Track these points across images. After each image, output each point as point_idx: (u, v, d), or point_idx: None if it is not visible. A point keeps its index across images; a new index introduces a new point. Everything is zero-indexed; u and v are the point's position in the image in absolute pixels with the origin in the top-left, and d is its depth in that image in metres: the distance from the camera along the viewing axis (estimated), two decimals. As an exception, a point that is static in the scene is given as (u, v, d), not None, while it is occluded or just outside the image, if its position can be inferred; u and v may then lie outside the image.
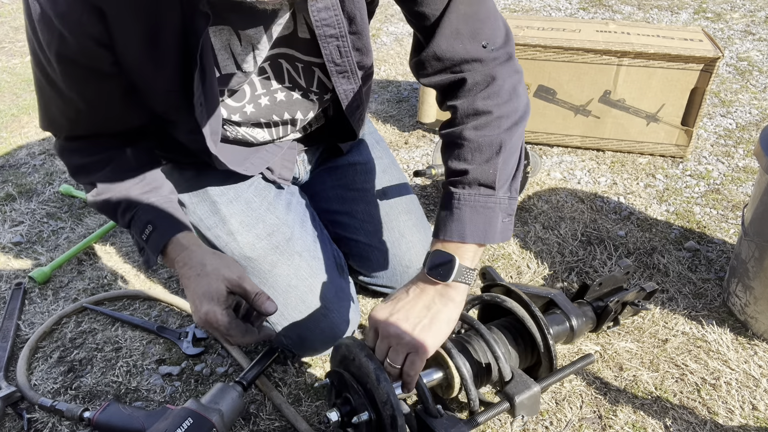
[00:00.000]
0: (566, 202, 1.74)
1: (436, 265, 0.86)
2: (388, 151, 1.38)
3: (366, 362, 0.85)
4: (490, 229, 0.88)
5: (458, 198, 0.88)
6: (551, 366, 0.99)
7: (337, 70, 0.99)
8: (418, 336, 0.84)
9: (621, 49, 1.79)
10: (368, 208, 1.29)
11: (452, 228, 0.87)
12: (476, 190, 0.88)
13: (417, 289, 0.88)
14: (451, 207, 0.88)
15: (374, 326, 0.89)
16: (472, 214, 0.87)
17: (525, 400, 0.90)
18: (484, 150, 0.88)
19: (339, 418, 0.89)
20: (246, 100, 1.02)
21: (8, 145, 2.12)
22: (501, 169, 0.88)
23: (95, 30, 0.78)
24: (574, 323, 1.10)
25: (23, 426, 1.09)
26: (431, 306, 0.86)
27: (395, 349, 0.86)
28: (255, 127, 1.08)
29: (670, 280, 1.43)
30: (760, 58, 2.73)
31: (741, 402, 1.13)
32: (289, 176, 1.23)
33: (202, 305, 0.90)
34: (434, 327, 0.85)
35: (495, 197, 0.88)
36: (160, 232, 0.96)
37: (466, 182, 0.88)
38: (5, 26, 3.36)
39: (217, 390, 1.05)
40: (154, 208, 0.98)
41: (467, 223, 0.87)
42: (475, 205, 0.87)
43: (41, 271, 1.45)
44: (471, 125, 0.89)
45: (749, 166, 1.90)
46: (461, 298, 0.88)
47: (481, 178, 0.87)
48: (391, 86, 2.57)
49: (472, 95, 0.90)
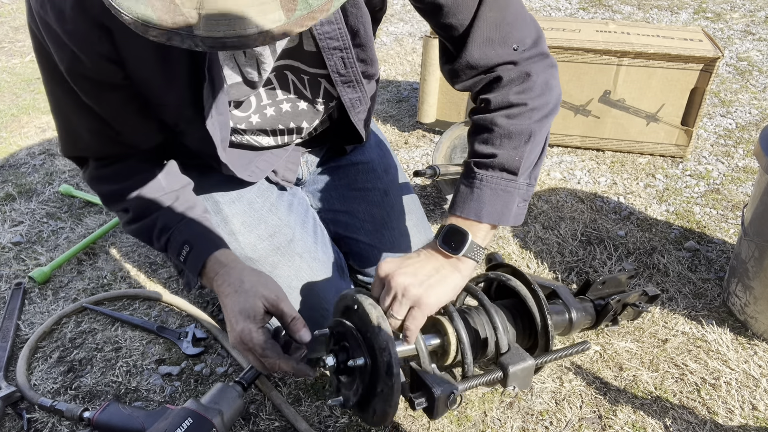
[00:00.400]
0: (566, 202, 1.74)
1: (449, 238, 0.89)
2: (390, 151, 1.38)
3: (370, 309, 0.87)
4: (506, 211, 0.91)
5: (480, 179, 0.91)
6: (547, 346, 1.00)
7: (342, 81, 0.99)
8: (424, 291, 0.86)
9: (621, 49, 1.79)
10: (369, 208, 1.29)
11: (470, 206, 0.90)
12: (499, 174, 0.91)
13: (427, 254, 0.91)
14: (472, 186, 0.91)
15: (381, 277, 0.90)
16: (491, 196, 0.90)
17: (518, 372, 0.91)
18: (513, 138, 0.90)
19: (335, 363, 0.89)
20: (252, 110, 1.02)
21: (8, 145, 2.12)
22: (526, 157, 0.91)
23: (104, 48, 0.79)
24: (574, 315, 1.10)
25: (23, 426, 1.09)
26: (440, 270, 0.89)
27: (399, 300, 0.87)
28: (260, 134, 1.09)
29: (670, 280, 1.43)
30: (760, 58, 2.73)
31: (741, 402, 1.13)
32: (293, 178, 1.23)
33: (238, 323, 0.89)
34: (440, 287, 0.88)
35: (515, 182, 0.91)
36: (198, 251, 0.97)
37: (490, 165, 0.91)
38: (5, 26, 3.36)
39: (217, 390, 1.05)
40: (189, 228, 0.98)
41: (485, 203, 0.90)
42: (496, 188, 0.90)
43: (41, 271, 1.45)
44: (503, 113, 0.92)
45: (749, 166, 1.90)
46: (468, 272, 0.90)
47: (507, 164, 0.90)
48: (391, 86, 2.57)
49: (506, 90, 0.92)
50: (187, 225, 0.99)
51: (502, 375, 0.91)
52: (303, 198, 1.29)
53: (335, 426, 1.10)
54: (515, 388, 0.92)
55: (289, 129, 1.09)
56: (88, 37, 0.77)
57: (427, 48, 1.93)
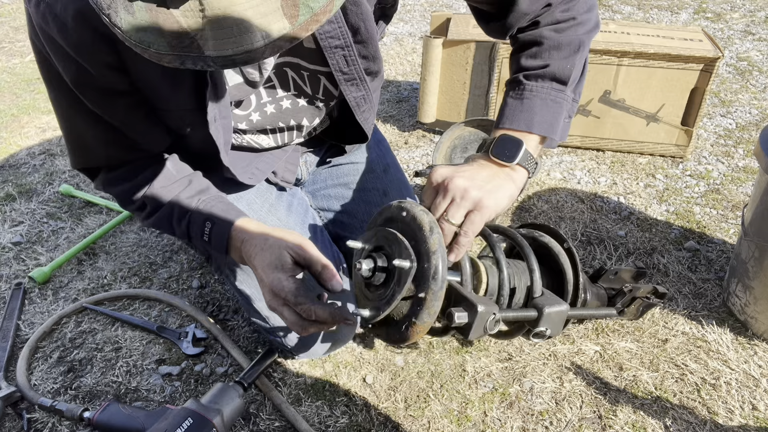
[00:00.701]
0: (566, 202, 1.74)
1: (503, 146, 0.88)
2: (390, 151, 1.38)
3: (421, 214, 0.82)
4: (555, 123, 0.90)
5: (530, 89, 0.91)
6: (576, 300, 0.99)
7: (345, 79, 0.99)
8: (484, 194, 0.83)
9: (621, 49, 1.79)
10: (368, 208, 1.29)
11: (521, 117, 0.90)
12: (549, 84, 0.91)
13: (479, 163, 0.89)
14: (521, 97, 0.91)
15: (437, 182, 0.86)
16: (542, 106, 0.90)
17: (553, 314, 0.88)
18: (563, 48, 0.91)
19: (372, 267, 0.84)
20: (252, 108, 1.02)
21: (8, 145, 2.12)
22: (575, 68, 0.91)
23: (109, 58, 0.79)
24: (588, 296, 1.10)
25: (23, 426, 1.09)
26: (495, 177, 0.87)
27: (458, 203, 0.84)
28: (260, 133, 1.08)
29: (670, 280, 1.43)
30: (760, 58, 2.73)
31: (741, 402, 1.13)
32: (292, 179, 1.23)
33: (267, 276, 0.85)
34: (498, 193, 0.85)
35: (564, 94, 0.91)
36: (220, 225, 0.94)
37: (541, 75, 0.91)
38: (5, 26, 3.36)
39: (217, 390, 1.05)
40: (207, 207, 0.96)
41: (536, 113, 0.89)
42: (546, 97, 0.90)
43: (41, 271, 1.45)
44: (551, 28, 0.92)
45: (749, 166, 1.90)
46: (521, 182, 0.88)
47: (558, 73, 0.91)
48: (391, 86, 2.57)
49: (553, 10, 0.93)
50: (205, 204, 0.97)
51: (536, 314, 0.88)
52: (302, 198, 1.29)
53: (335, 426, 1.10)
54: (547, 330, 0.89)
55: (290, 126, 1.09)
56: (92, 47, 0.77)
57: (427, 48, 1.93)
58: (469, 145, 1.69)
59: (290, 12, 0.53)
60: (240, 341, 1.29)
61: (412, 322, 0.81)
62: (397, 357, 1.23)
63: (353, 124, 1.12)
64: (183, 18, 0.52)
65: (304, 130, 1.12)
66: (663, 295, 1.22)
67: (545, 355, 1.23)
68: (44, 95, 2.52)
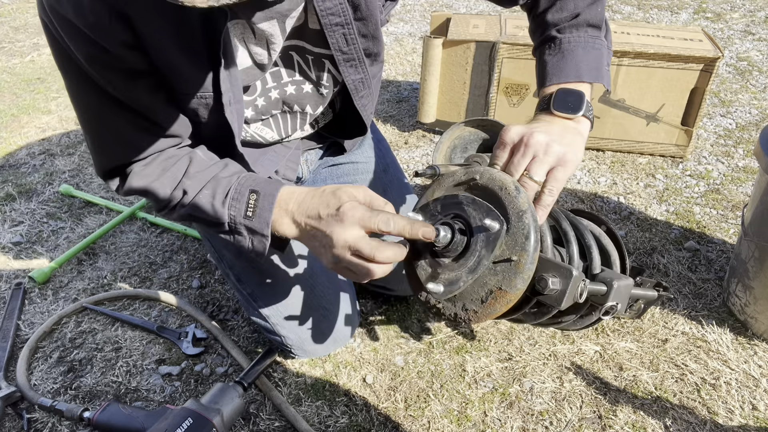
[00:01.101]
0: (566, 203, 1.74)
1: (564, 100, 0.85)
2: (389, 151, 1.38)
3: (499, 176, 0.76)
4: (601, 69, 0.89)
5: (567, 41, 0.90)
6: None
7: (345, 59, 0.98)
8: (567, 147, 0.79)
9: (621, 49, 1.79)
10: (368, 208, 1.29)
11: (568, 69, 0.88)
12: (585, 31, 0.90)
13: (545, 120, 0.85)
14: (561, 50, 0.90)
15: (513, 140, 0.81)
16: (584, 54, 0.89)
17: (622, 287, 0.83)
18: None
19: (450, 233, 0.76)
20: (257, 94, 1.02)
21: (8, 145, 2.12)
22: (604, 12, 0.91)
23: (126, 36, 0.77)
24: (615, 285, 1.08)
25: (23, 426, 1.09)
26: (566, 131, 0.83)
27: (540, 159, 0.79)
28: (264, 125, 1.08)
29: (670, 280, 1.43)
30: (760, 58, 2.73)
31: (741, 402, 1.13)
32: (293, 177, 1.23)
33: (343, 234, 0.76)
34: (576, 147, 0.82)
35: (601, 40, 0.91)
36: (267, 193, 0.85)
37: (574, 25, 0.90)
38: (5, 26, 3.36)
39: (217, 390, 1.05)
40: (249, 180, 0.89)
41: (582, 61, 0.88)
42: (586, 45, 0.89)
43: (41, 271, 1.45)
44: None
45: (749, 166, 1.90)
46: (587, 134, 0.87)
47: (591, 19, 0.90)
48: (391, 86, 2.57)
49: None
50: (246, 178, 0.89)
51: (605, 288, 0.83)
52: (303, 198, 1.28)
53: (335, 426, 1.10)
54: (618, 304, 0.83)
55: (293, 113, 1.08)
56: (108, 26, 0.75)
57: (428, 48, 1.93)
58: (469, 145, 1.69)
59: None
60: (240, 341, 1.29)
61: (501, 290, 0.73)
62: (397, 357, 1.24)
63: (354, 113, 1.12)
64: None
65: (308, 118, 1.11)
66: (666, 289, 1.22)
67: (545, 355, 1.23)
68: (44, 95, 2.52)
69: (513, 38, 1.83)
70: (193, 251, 1.56)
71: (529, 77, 1.88)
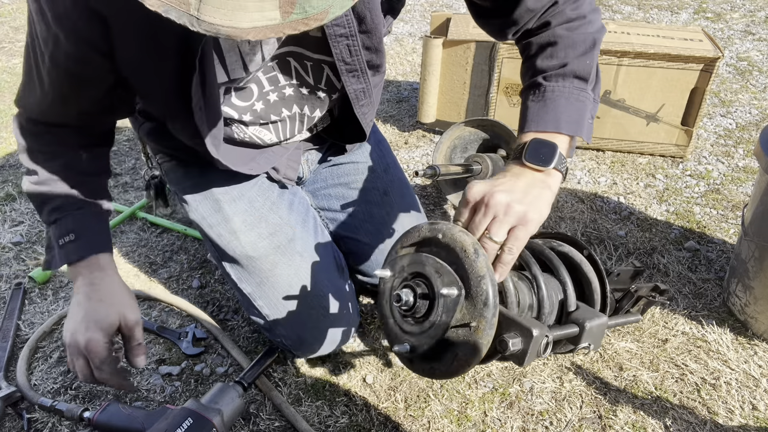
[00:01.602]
0: (566, 202, 1.74)
1: (537, 151, 0.85)
2: (390, 151, 1.38)
3: (460, 236, 0.77)
4: (581, 121, 0.88)
5: (552, 90, 0.89)
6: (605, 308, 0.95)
7: (347, 69, 0.98)
8: (528, 207, 0.79)
9: (621, 49, 1.79)
10: (369, 208, 1.29)
11: (547, 118, 0.87)
12: (570, 82, 0.89)
13: (513, 173, 0.85)
14: (544, 99, 0.89)
15: (475, 200, 0.82)
16: (566, 105, 0.88)
17: (594, 328, 0.83)
18: (578, 46, 0.90)
19: (412, 298, 0.79)
20: (254, 98, 1.02)
21: (8, 145, 2.12)
22: (593, 66, 0.90)
23: (92, 34, 0.78)
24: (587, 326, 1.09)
25: (23, 426, 1.09)
26: (533, 186, 0.83)
27: (500, 219, 0.79)
28: (263, 128, 1.08)
29: (670, 280, 1.43)
30: (760, 58, 2.73)
31: (741, 402, 1.13)
32: (294, 176, 1.23)
33: (89, 330, 0.91)
34: (539, 203, 0.81)
35: (586, 92, 0.90)
36: (80, 245, 0.97)
37: (561, 74, 0.90)
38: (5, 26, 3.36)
39: (217, 390, 1.05)
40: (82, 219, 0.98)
41: (562, 113, 0.87)
42: (570, 96, 0.89)
43: (41, 271, 1.45)
44: (564, 27, 0.91)
45: (749, 166, 1.90)
46: (557, 187, 0.86)
47: (578, 71, 0.89)
48: (391, 86, 2.57)
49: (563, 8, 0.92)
50: (82, 216, 0.98)
51: (577, 330, 0.83)
52: (303, 197, 1.29)
53: (335, 426, 1.10)
54: (590, 345, 0.84)
55: (291, 115, 1.09)
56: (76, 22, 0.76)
57: (427, 48, 1.93)
58: (469, 145, 1.69)
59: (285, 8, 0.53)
60: (240, 341, 1.29)
61: (463, 354, 0.76)
62: (397, 357, 1.23)
63: (353, 120, 1.12)
64: None
65: (306, 121, 1.11)
66: (665, 292, 1.22)
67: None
68: (44, 95, 2.52)
69: (513, 38, 1.83)
70: (193, 251, 1.56)
71: (529, 77, 1.88)
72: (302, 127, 1.13)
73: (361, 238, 1.28)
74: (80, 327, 0.91)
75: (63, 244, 0.96)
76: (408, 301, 0.79)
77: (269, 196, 1.19)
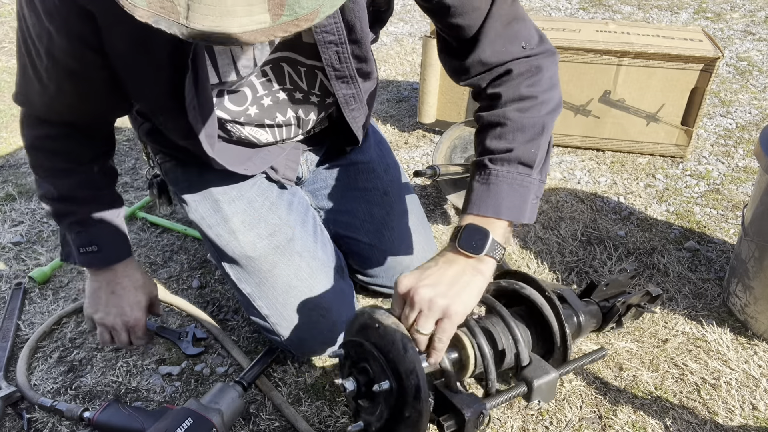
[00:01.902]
0: (566, 202, 1.74)
1: (470, 238, 0.87)
2: (390, 151, 1.38)
3: (392, 330, 0.83)
4: (523, 207, 0.90)
5: (496, 174, 0.90)
6: (565, 356, 0.98)
7: (336, 75, 0.99)
8: (450, 300, 0.83)
9: (621, 49, 1.79)
10: (369, 208, 1.29)
11: (488, 203, 0.89)
12: (515, 168, 0.90)
13: (446, 259, 0.88)
14: (488, 182, 0.90)
15: (401, 293, 0.86)
16: (509, 191, 0.89)
17: (543, 385, 0.89)
18: (527, 131, 0.90)
19: (355, 387, 0.86)
20: (248, 103, 1.02)
21: (8, 145, 2.12)
22: (540, 150, 0.91)
23: (83, 31, 0.78)
24: (582, 319, 1.09)
25: (23, 426, 1.09)
26: (462, 274, 0.86)
27: (426, 314, 0.83)
28: (258, 128, 1.08)
29: (670, 280, 1.43)
30: (760, 58, 2.73)
31: (741, 402, 1.13)
32: (293, 176, 1.23)
33: (133, 312, 1.09)
34: (465, 293, 0.85)
35: (531, 177, 0.91)
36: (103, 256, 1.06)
37: (506, 159, 0.90)
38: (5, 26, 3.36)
39: (217, 390, 1.05)
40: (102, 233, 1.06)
41: (504, 199, 0.89)
42: (513, 182, 0.90)
43: (41, 271, 1.45)
44: (515, 107, 0.91)
45: (749, 166, 1.90)
46: (490, 273, 0.88)
47: (523, 157, 0.90)
48: (391, 86, 2.57)
49: (517, 83, 0.92)
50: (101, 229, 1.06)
51: (525, 389, 0.89)
52: (303, 197, 1.29)
53: (335, 426, 1.10)
54: (539, 402, 0.90)
55: (287, 119, 1.09)
56: (67, 18, 0.76)
57: (427, 48, 1.93)
58: (468, 145, 1.69)
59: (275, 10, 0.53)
60: (240, 341, 1.29)
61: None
62: None
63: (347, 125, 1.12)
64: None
65: (301, 123, 1.12)
66: (657, 298, 1.22)
67: (545, 355, 1.23)
68: (44, 95, 2.52)
69: (513, 38, 1.83)
70: (193, 251, 1.56)
71: (529, 77, 1.88)
72: (298, 129, 1.13)
73: (361, 238, 1.28)
74: (124, 310, 1.08)
75: (84, 252, 1.05)
76: (352, 390, 0.86)
77: (268, 196, 1.19)
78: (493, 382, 0.90)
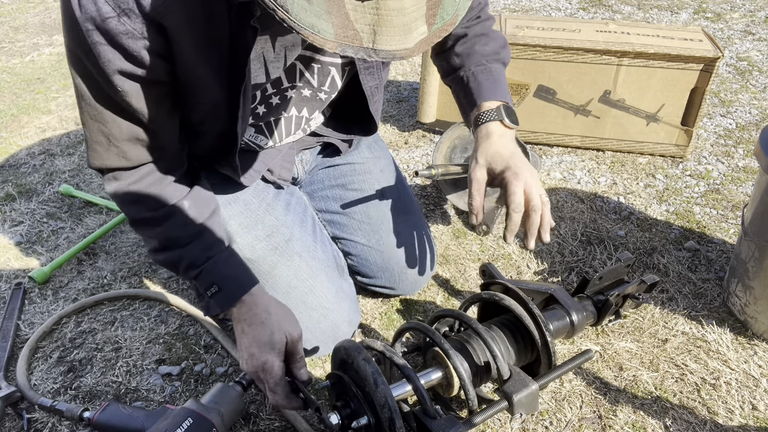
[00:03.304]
0: (566, 202, 1.74)
1: (511, 115, 1.09)
2: (387, 151, 1.38)
3: (363, 366, 0.86)
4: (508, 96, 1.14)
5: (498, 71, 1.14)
6: (550, 363, 0.99)
7: (365, 67, 1.04)
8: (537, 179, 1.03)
9: (621, 49, 1.79)
10: (366, 209, 1.29)
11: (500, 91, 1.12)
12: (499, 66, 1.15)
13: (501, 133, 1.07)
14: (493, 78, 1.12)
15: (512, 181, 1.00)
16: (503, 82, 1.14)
17: (523, 399, 0.90)
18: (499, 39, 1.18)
19: (339, 421, 0.89)
20: (257, 101, 1.02)
21: (8, 145, 2.12)
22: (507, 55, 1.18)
23: (157, 44, 0.78)
24: (575, 318, 1.09)
25: (23, 426, 1.09)
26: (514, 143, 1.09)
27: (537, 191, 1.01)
28: (258, 134, 1.09)
29: (670, 280, 1.43)
30: (760, 58, 2.73)
31: (741, 402, 1.13)
32: (289, 177, 1.23)
33: (262, 354, 0.93)
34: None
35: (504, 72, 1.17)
36: (226, 294, 0.98)
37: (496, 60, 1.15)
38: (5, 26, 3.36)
39: (217, 390, 1.05)
40: (217, 269, 0.99)
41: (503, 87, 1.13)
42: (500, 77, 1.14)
43: (41, 271, 1.45)
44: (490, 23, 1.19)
45: (749, 166, 1.90)
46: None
47: (505, 60, 1.17)
48: (391, 86, 2.57)
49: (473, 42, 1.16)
50: (215, 265, 0.99)
51: (506, 404, 0.90)
52: (301, 197, 1.29)
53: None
54: (522, 414, 0.91)
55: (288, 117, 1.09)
56: (143, 34, 0.76)
57: (427, 48, 1.93)
58: (468, 145, 1.68)
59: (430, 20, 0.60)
60: (240, 341, 1.29)
61: None
62: (397, 357, 1.23)
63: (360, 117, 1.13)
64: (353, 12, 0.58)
65: (303, 122, 1.12)
66: (654, 286, 1.21)
67: (545, 355, 1.23)
68: (44, 95, 2.52)
69: (513, 38, 1.83)
70: (193, 251, 1.56)
71: (528, 77, 1.88)
72: (298, 127, 1.13)
73: (358, 239, 1.28)
74: (253, 353, 0.94)
75: (211, 294, 0.99)
76: (338, 423, 0.89)
77: (264, 198, 1.19)
78: (473, 401, 0.91)
